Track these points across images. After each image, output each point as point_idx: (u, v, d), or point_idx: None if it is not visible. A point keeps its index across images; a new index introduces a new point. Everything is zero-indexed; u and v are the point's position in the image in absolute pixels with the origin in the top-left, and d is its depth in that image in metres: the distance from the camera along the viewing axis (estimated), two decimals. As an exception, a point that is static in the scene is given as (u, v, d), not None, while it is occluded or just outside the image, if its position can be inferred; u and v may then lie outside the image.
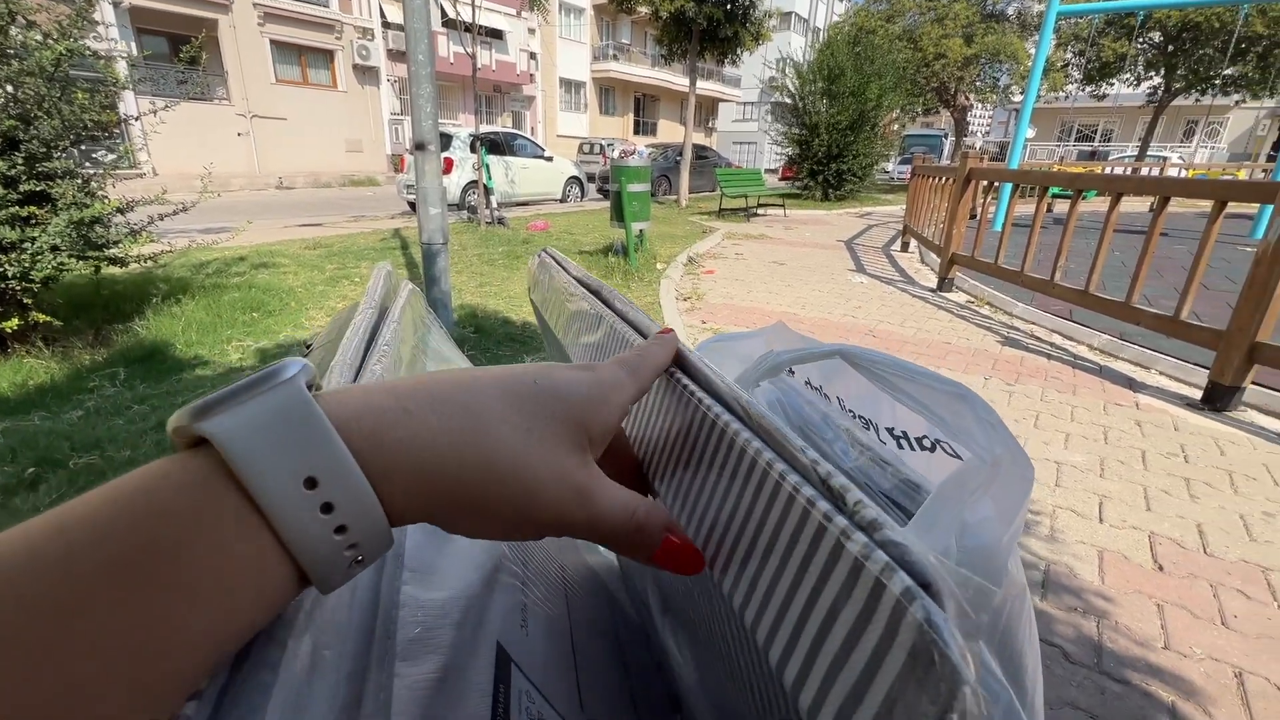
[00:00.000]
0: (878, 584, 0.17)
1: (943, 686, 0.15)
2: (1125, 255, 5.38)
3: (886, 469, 0.54)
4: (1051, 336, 3.62)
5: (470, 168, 8.85)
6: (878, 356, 0.41)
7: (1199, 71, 15.77)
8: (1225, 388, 2.54)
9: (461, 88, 18.83)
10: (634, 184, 4.96)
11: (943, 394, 0.39)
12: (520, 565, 0.45)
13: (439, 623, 0.30)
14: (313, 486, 0.16)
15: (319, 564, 0.16)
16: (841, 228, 8.93)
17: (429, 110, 2.65)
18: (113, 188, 3.03)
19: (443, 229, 2.91)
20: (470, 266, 5.15)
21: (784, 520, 0.21)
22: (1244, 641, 1.36)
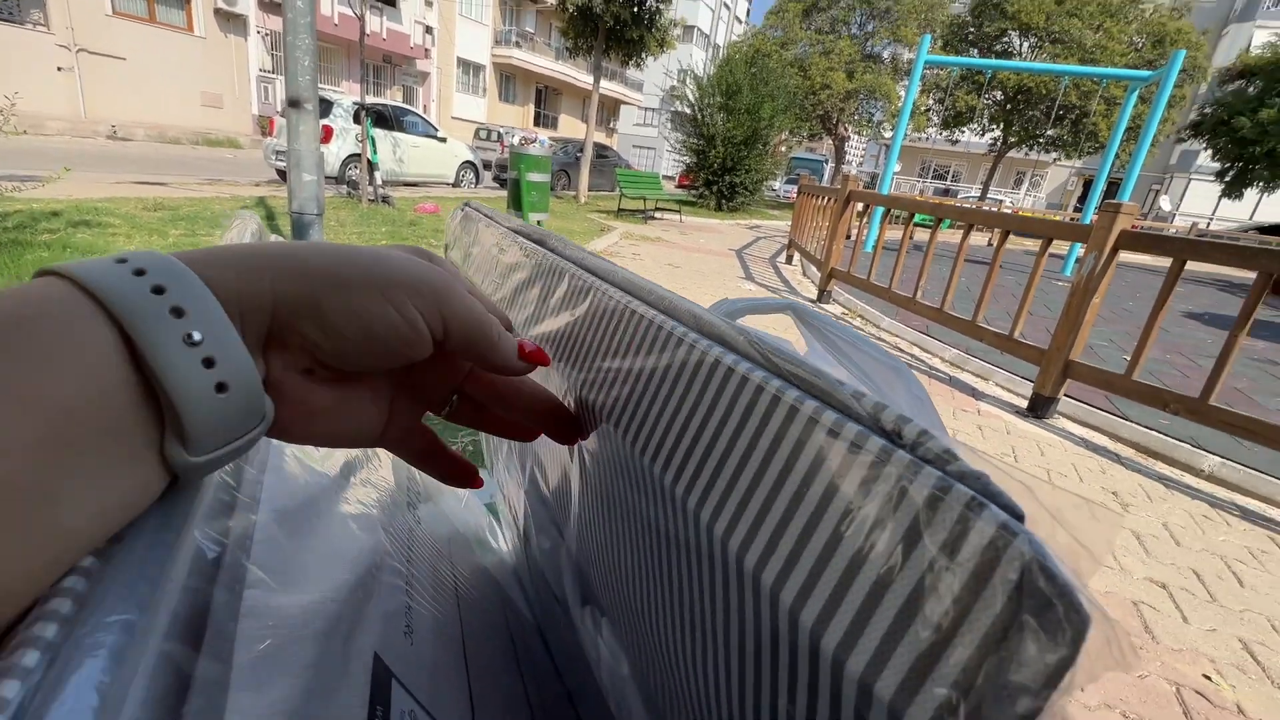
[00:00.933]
0: (963, 517, 0.14)
1: (1067, 627, 0.12)
2: (971, 282, 6.13)
3: None
4: (912, 348, 4.01)
5: (353, 139, 8.17)
6: (825, 318, 0.40)
7: (1028, 129, 18.41)
8: (1045, 398, 2.95)
9: (346, 53, 17.35)
10: (534, 173, 4.84)
11: (880, 365, 0.39)
12: (404, 563, 0.38)
13: (297, 634, 0.24)
14: (160, 292, 0.16)
15: (129, 312, 0.15)
16: (732, 237, 9.33)
17: (307, 64, 2.38)
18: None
19: (317, 199, 2.63)
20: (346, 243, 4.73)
21: (825, 463, 0.18)
22: (1059, 616, 1.56)
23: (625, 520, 0.29)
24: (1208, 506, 2.26)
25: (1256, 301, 2.27)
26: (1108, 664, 0.12)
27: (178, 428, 0.16)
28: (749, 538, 0.20)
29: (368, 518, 0.37)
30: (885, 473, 0.16)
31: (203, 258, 0.18)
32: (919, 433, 0.17)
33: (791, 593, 0.18)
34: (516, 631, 0.51)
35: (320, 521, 0.31)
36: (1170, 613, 1.63)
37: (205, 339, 0.16)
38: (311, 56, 2.38)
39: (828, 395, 0.19)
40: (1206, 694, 1.36)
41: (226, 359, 0.17)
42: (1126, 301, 6.40)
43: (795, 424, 0.19)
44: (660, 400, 0.25)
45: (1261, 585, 1.80)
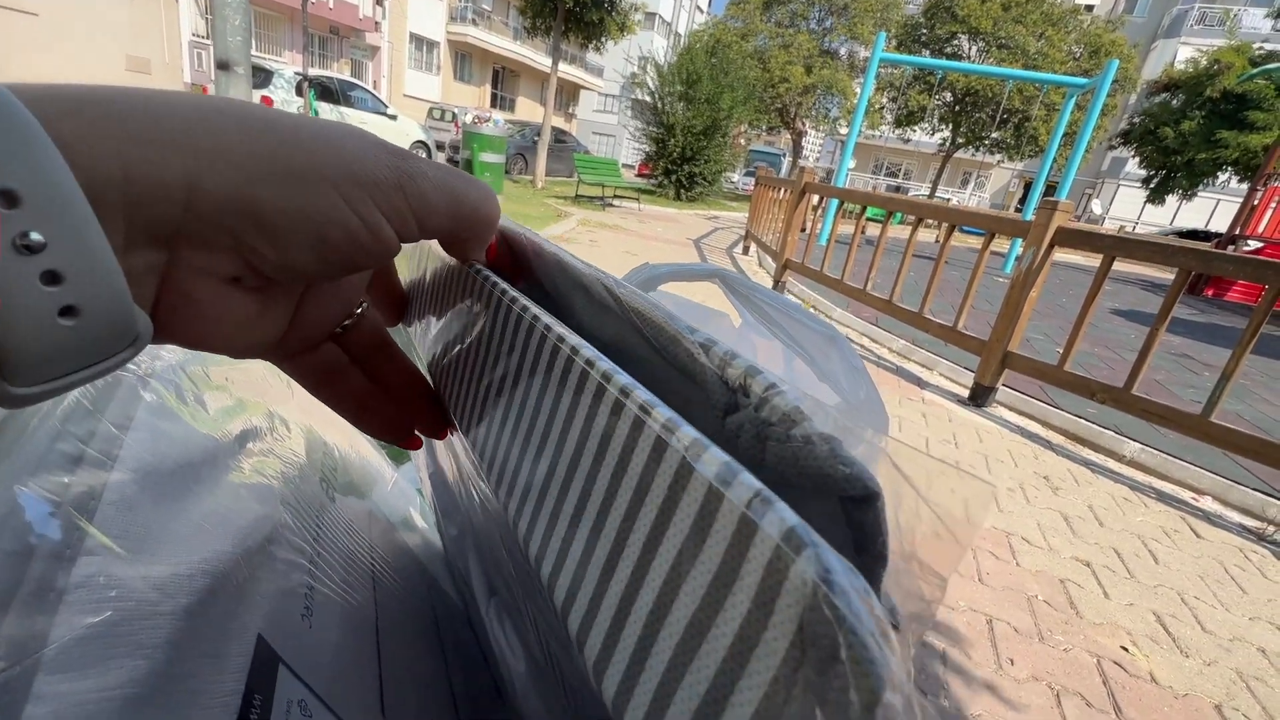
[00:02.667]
0: (744, 523, 0.10)
1: (854, 699, 0.08)
2: (920, 276, 6.33)
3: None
4: (861, 338, 4.11)
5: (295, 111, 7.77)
6: (756, 286, 0.39)
7: (975, 131, 19.13)
8: (985, 387, 3.07)
9: (290, 21, 16.45)
10: (487, 153, 4.71)
11: (814, 334, 0.38)
12: (308, 541, 0.35)
13: (149, 609, 0.20)
14: (14, 204, 0.11)
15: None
16: (691, 227, 9.35)
17: (238, 24, 2.22)
18: None
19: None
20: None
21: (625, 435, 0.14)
22: (993, 594, 1.63)
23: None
24: (1128, 489, 2.41)
25: (1175, 297, 2.41)
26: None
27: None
28: (547, 550, 0.16)
29: (264, 488, 0.33)
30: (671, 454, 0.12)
31: (69, 107, 0.12)
32: (767, 386, 0.14)
33: (576, 621, 0.14)
34: (443, 618, 0.48)
35: (199, 488, 0.28)
36: (1093, 589, 1.72)
37: (50, 244, 0.11)
38: (243, 15, 2.22)
39: (674, 342, 0.16)
40: (1124, 664, 1.44)
41: (80, 274, 0.12)
42: (1060, 298, 6.75)
43: (614, 414, 0.15)
44: (504, 395, 0.20)
45: (1174, 562, 1.93)
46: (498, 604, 0.36)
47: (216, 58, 2.31)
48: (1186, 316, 7.02)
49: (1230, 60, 16.46)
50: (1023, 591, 1.66)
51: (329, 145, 0.16)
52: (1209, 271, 2.62)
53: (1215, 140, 16.20)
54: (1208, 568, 1.93)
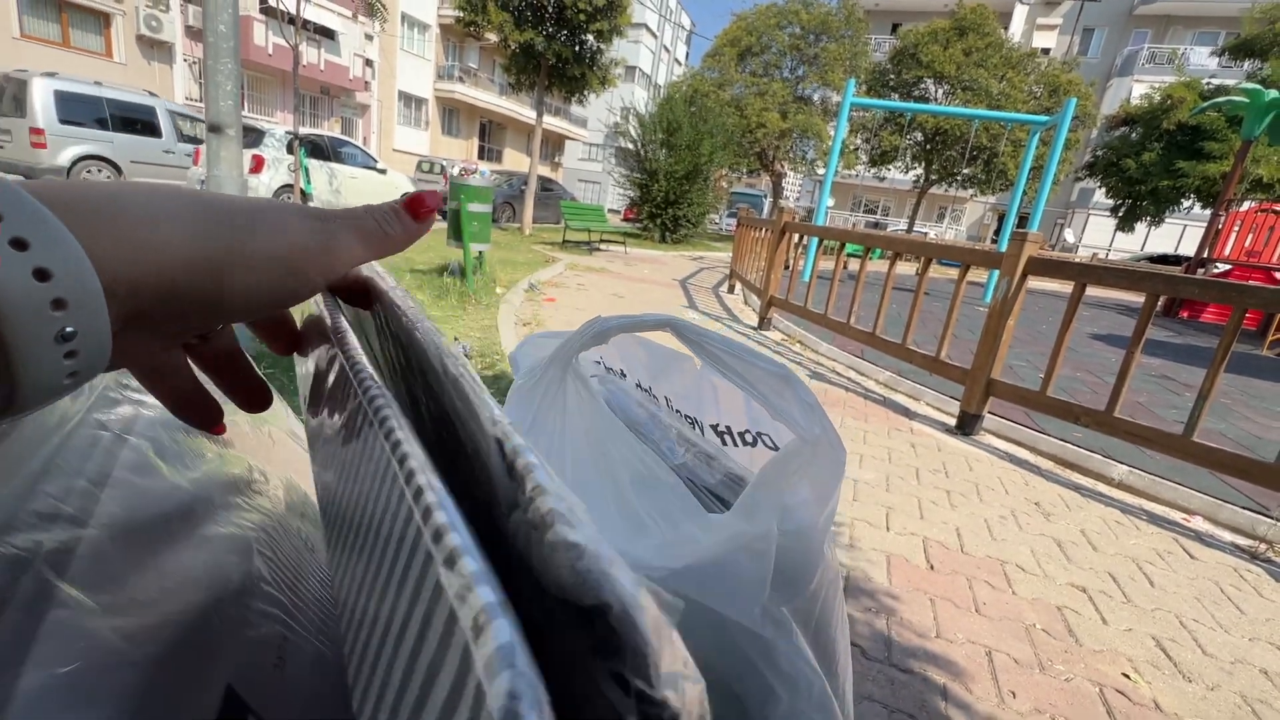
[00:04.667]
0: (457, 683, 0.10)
1: None
2: (900, 307, 6.45)
3: (713, 464, 0.54)
4: (848, 371, 4.15)
5: (286, 170, 7.92)
6: (706, 332, 0.40)
7: (946, 168, 19.82)
8: (971, 415, 3.10)
9: (281, 83, 16.96)
10: (475, 204, 4.80)
11: (767, 374, 0.39)
12: (283, 590, 0.35)
13: (118, 660, 0.21)
14: (22, 248, 0.13)
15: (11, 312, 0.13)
16: (676, 268, 9.51)
17: (229, 89, 2.30)
18: None
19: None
20: (278, 276, 4.53)
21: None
22: (991, 624, 1.61)
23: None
24: (1119, 512, 2.41)
25: (1146, 320, 2.48)
26: None
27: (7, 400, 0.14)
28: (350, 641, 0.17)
29: (241, 540, 0.34)
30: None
31: (87, 218, 0.15)
32: (533, 486, 0.13)
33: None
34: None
35: (175, 541, 0.28)
36: (1090, 615, 1.71)
37: (78, 333, 0.14)
38: (234, 81, 2.30)
39: (480, 430, 0.16)
40: (1126, 692, 1.42)
41: (88, 351, 0.15)
42: (1041, 325, 6.88)
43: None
44: (334, 459, 0.20)
45: (1169, 584, 1.92)
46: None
47: (209, 122, 2.38)
48: (1164, 339, 7.16)
49: (1181, 95, 17.31)
50: (1020, 621, 1.64)
51: (276, 232, 0.20)
52: (1175, 295, 2.70)
53: (1175, 170, 16.87)
54: (1204, 589, 1.92)
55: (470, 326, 3.95)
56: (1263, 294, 2.34)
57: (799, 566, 0.37)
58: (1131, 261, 18.64)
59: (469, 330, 3.84)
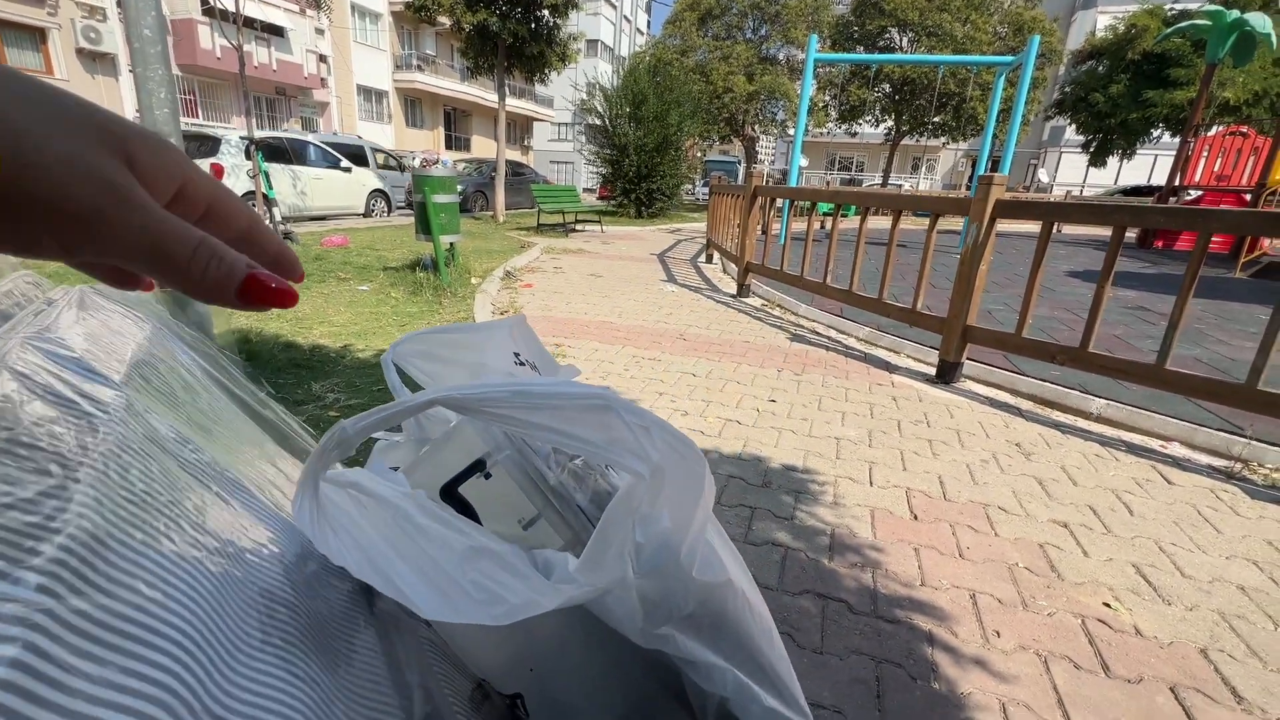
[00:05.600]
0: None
1: None
2: (876, 262, 6.45)
3: (584, 482, 0.52)
4: (828, 331, 4.15)
5: (246, 176, 7.71)
6: (492, 393, 0.32)
7: (916, 117, 19.67)
8: (950, 364, 3.12)
9: (234, 88, 16.43)
10: (440, 195, 4.70)
11: (584, 408, 0.33)
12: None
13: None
14: None
15: None
16: (654, 242, 9.43)
17: (163, 97, 2.20)
18: None
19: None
20: (246, 287, 4.44)
21: None
22: (974, 568, 1.64)
23: None
24: (1098, 446, 2.45)
25: (1115, 254, 2.48)
26: None
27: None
28: None
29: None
30: None
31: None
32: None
33: None
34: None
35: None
36: (1072, 549, 1.74)
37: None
38: (168, 89, 2.21)
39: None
40: (1108, 621, 1.45)
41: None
42: (1018, 268, 6.90)
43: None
44: None
45: (1148, 512, 1.95)
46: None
47: (144, 133, 2.29)
48: (1139, 270, 7.23)
49: (1146, 23, 17.20)
50: (1003, 562, 1.66)
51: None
52: (1142, 225, 2.70)
53: (1143, 100, 16.85)
54: (1182, 513, 1.96)
55: (446, 319, 3.90)
56: (1227, 217, 2.34)
57: (669, 595, 0.35)
58: (1105, 196, 18.71)
59: (445, 323, 3.79)
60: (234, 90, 16.51)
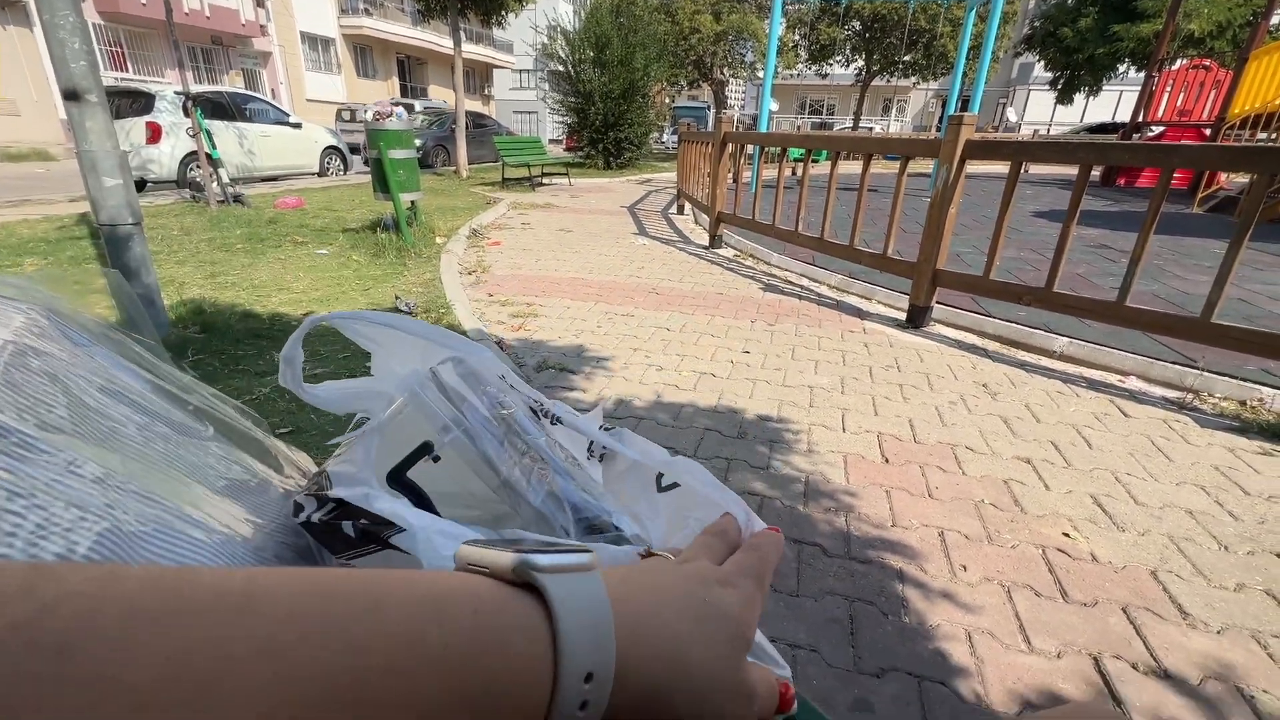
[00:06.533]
0: None
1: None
2: (848, 208, 6.42)
3: (534, 479, 0.49)
4: (801, 280, 4.15)
5: (186, 135, 7.23)
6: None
7: (887, 56, 19.29)
8: (920, 308, 3.15)
9: (164, 37, 15.23)
10: (396, 149, 4.48)
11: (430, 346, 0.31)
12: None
13: None
14: (588, 680, 0.19)
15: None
16: (624, 194, 9.22)
17: (77, 47, 2.02)
18: None
19: (129, 205, 2.29)
20: (196, 254, 4.23)
21: None
22: (943, 506, 1.69)
23: None
24: (1061, 383, 2.52)
25: (1080, 192, 2.49)
26: None
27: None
28: None
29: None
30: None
31: (620, 669, 0.20)
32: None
33: None
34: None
35: None
36: (1034, 484, 1.80)
37: (589, 704, 0.19)
38: (81, 38, 2.01)
39: None
40: (1067, 550, 1.52)
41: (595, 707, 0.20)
42: (985, 209, 6.95)
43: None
44: None
45: (1106, 444, 2.03)
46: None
47: (62, 88, 2.10)
48: (1102, 208, 7.34)
49: (1116, -47, 16.90)
50: (970, 499, 1.72)
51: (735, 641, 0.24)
52: (1106, 163, 2.72)
53: (1110, 35, 16.71)
54: (1137, 444, 2.04)
55: (411, 282, 3.79)
56: (1187, 152, 2.36)
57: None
58: (1070, 135, 18.79)
59: (410, 287, 3.68)
60: (165, 40, 15.31)
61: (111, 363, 0.48)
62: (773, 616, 1.31)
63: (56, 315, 0.47)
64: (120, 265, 2.34)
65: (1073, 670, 1.19)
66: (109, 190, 2.22)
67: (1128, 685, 1.15)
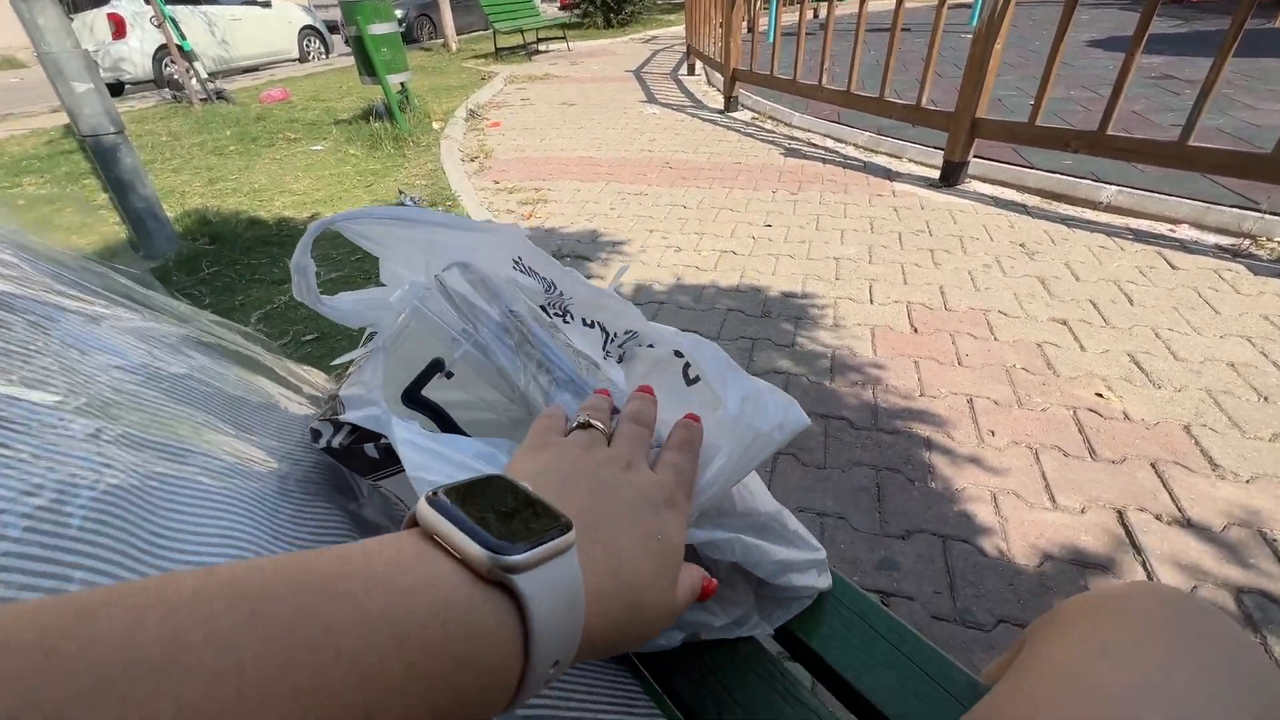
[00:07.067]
0: None
1: None
2: (878, 54, 5.78)
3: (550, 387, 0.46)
4: (825, 141, 3.86)
5: (151, 25, 6.70)
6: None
7: None
8: (956, 164, 2.92)
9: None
10: (376, 24, 4.10)
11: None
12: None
13: None
14: (554, 666, 0.20)
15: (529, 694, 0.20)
16: (629, 56, 8.45)
17: (5, -73, 1.79)
18: None
19: (107, 112, 2.16)
20: (191, 161, 4.08)
21: None
22: (972, 373, 1.67)
23: None
24: (1105, 236, 2.37)
25: (1150, 14, 2.18)
26: None
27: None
28: None
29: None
30: None
31: (586, 640, 0.21)
32: None
33: None
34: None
35: None
36: (1069, 345, 1.76)
37: (559, 662, 0.20)
38: (6, -85, 1.79)
39: None
40: (1099, 410, 1.51)
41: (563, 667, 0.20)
42: (1034, 42, 6.20)
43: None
44: None
45: (1148, 300, 1.95)
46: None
47: (2, -19, 1.91)
48: (1169, 30, 6.49)
49: None
50: (1001, 364, 1.69)
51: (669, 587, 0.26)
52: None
53: None
54: (1182, 297, 1.95)
55: (413, 174, 3.63)
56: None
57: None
58: (1141, -61, 16.18)
59: (412, 179, 3.53)
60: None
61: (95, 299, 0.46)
62: (800, 489, 1.35)
63: (27, 252, 0.44)
64: (113, 180, 2.26)
65: (1095, 524, 1.22)
66: (81, 97, 2.09)
67: (1149, 535, 1.19)
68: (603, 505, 0.25)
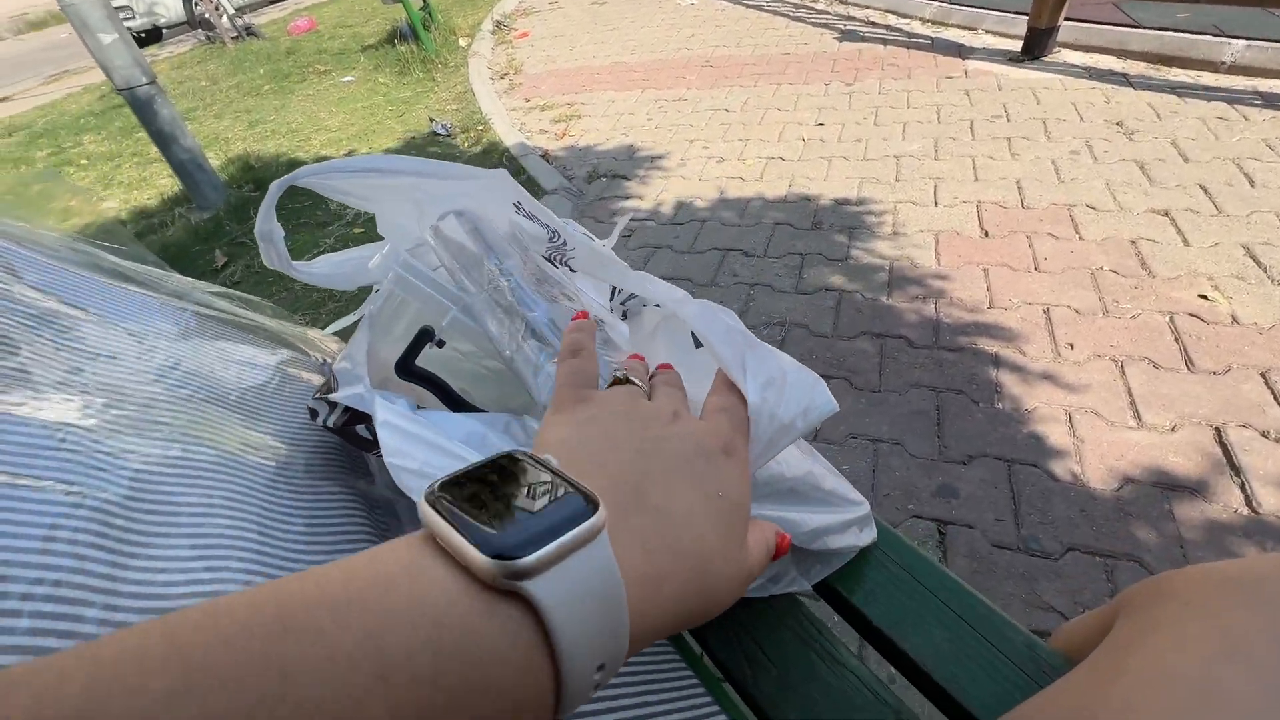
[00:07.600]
0: None
1: None
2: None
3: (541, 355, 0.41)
4: (886, 19, 3.41)
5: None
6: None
7: None
8: (1042, 31, 2.52)
9: None
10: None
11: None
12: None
13: None
14: (600, 670, 0.17)
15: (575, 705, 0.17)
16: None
17: None
18: None
19: (137, 63, 2.15)
20: (231, 105, 4.09)
21: None
22: (1051, 279, 1.51)
23: None
24: (1225, 105, 2.02)
25: None
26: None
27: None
28: None
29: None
30: None
31: (636, 635, 0.18)
32: None
33: None
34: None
35: None
36: (1170, 240, 1.55)
37: (605, 667, 0.17)
38: None
39: None
40: (1200, 314, 1.34)
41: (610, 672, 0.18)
42: None
43: None
44: None
45: (1274, 180, 1.67)
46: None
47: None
48: None
49: None
50: (1086, 268, 1.52)
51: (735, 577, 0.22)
52: None
53: None
54: (1318, 173, 1.66)
55: (443, 99, 3.50)
56: None
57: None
58: None
59: (443, 104, 3.41)
60: None
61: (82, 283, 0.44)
62: (852, 414, 1.29)
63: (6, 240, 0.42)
64: (155, 133, 2.29)
65: (1187, 443, 1.11)
66: (110, 49, 2.07)
67: (1251, 454, 1.07)
68: (652, 466, 0.22)
